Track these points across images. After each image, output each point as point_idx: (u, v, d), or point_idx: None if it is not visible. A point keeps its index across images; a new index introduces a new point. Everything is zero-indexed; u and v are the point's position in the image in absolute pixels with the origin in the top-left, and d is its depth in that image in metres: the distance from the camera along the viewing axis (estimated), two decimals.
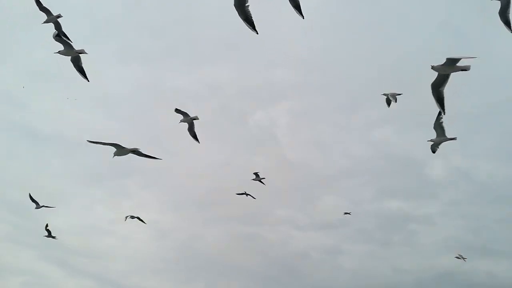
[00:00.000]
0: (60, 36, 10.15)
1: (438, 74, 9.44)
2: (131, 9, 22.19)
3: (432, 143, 11.30)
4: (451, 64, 9.17)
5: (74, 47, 10.33)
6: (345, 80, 23.55)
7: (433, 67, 9.13)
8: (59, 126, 23.37)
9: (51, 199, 22.90)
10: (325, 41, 23.21)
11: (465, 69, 9.29)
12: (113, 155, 9.93)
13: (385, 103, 11.28)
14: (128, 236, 23.33)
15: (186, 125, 11.76)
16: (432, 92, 9.65)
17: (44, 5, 10.20)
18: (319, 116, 24.03)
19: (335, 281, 21.80)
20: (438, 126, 10.91)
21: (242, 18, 8.83)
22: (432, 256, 21.06)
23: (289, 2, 8.92)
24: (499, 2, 9.27)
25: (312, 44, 23.18)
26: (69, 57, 10.72)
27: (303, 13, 8.98)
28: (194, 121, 12.07)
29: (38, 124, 22.75)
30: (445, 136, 10.93)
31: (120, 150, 9.86)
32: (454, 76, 9.77)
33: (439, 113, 10.69)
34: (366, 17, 22.77)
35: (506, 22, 9.49)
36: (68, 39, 10.59)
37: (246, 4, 8.80)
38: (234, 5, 8.70)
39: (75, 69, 10.66)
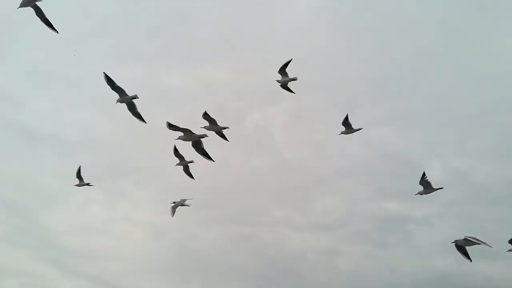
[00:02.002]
0: None
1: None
2: (128, 8, 22.11)
3: (420, 195, 12.12)
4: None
5: None
6: (343, 80, 23.47)
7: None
8: (55, 126, 23.31)
9: (47, 198, 22.94)
10: (322, 41, 23.16)
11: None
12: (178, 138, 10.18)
13: None
14: (124, 237, 23.28)
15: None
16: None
17: None
18: (316, 116, 23.89)
19: (331, 282, 21.73)
20: (424, 182, 12.04)
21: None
22: (430, 257, 21.00)
23: None
24: None
25: (309, 44, 23.12)
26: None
27: None
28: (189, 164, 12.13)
29: (35, 124, 22.69)
30: (432, 188, 11.98)
31: (189, 135, 10.35)
32: (452, 78, 9.73)
33: (424, 174, 11.84)
34: (364, 17, 22.76)
35: None
36: (53, 27, 10.25)
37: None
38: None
39: (42, 22, 10.14)
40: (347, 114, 12.44)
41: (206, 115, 10.90)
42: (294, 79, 12.61)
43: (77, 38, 20.45)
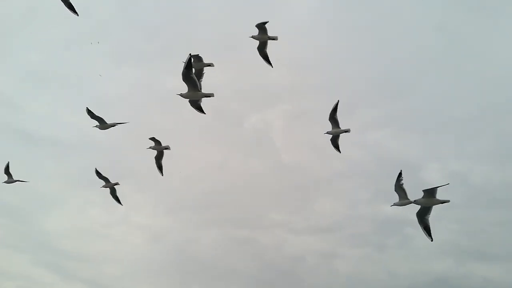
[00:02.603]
0: None
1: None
2: (126, 9, 22.05)
3: (396, 206, 11.33)
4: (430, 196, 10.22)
5: None
6: (341, 82, 23.45)
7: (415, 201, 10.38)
8: (53, 128, 23.22)
9: (45, 202, 22.84)
10: (321, 43, 23.15)
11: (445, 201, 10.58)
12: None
13: None
14: (122, 240, 23.19)
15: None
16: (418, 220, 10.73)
17: None
18: (315, 118, 23.87)
19: (330, 285, 21.68)
20: (399, 188, 11.33)
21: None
22: (428, 260, 20.97)
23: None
24: None
25: (308, 45, 23.10)
26: None
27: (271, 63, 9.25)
28: (165, 150, 11.78)
29: (32, 126, 22.60)
30: (408, 199, 11.17)
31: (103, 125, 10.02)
32: (451, 80, 9.76)
33: (399, 175, 11.23)
34: (363, 18, 22.74)
35: None
36: (75, 11, 10.14)
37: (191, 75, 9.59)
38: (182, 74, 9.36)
39: (64, 5, 10.37)
40: (338, 102, 11.71)
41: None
42: (274, 38, 11.46)
43: (76, 39, 20.44)
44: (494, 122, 20.93)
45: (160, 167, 11.71)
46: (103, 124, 10.40)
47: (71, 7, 10.35)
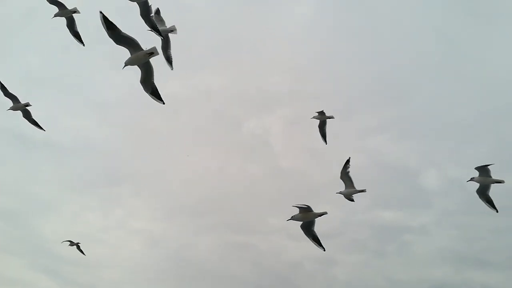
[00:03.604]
0: None
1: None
2: (125, 14, 22.02)
3: (342, 195, 10.85)
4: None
5: (66, 6, 9.85)
6: (340, 88, 23.45)
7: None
8: (50, 132, 23.10)
9: (42, 206, 22.72)
10: (320, 49, 23.19)
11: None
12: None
13: None
14: (119, 245, 23.06)
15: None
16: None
17: None
18: (313, 123, 23.87)
19: None
20: (346, 176, 10.95)
21: (148, 26, 9.18)
22: (427, 267, 20.88)
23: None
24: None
25: (307, 52, 23.14)
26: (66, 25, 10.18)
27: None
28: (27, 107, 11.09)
29: (30, 130, 22.45)
30: (354, 188, 10.91)
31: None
32: (449, 86, 9.75)
33: (347, 161, 10.92)
34: (361, 24, 22.79)
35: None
36: (81, 41, 10.12)
37: (151, 15, 9.01)
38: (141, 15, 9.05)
39: (71, 34, 10.20)
40: (349, 159, 11.40)
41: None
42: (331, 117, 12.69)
43: (73, 44, 20.38)
44: (493, 127, 20.89)
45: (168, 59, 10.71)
46: (63, 10, 9.72)
47: (77, 36, 10.22)
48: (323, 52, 22.95)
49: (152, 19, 9.14)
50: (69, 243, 14.53)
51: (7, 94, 10.00)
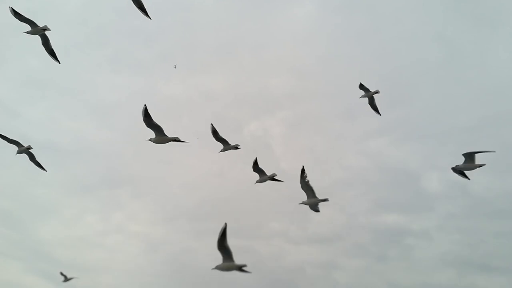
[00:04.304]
0: (19, 13, 9.63)
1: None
2: (124, 16, 22.01)
3: (304, 205, 10.47)
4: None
5: (37, 24, 9.95)
6: (341, 90, 23.38)
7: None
8: (50, 135, 23.07)
9: (41, 209, 22.59)
10: (321, 51, 23.14)
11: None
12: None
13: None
14: (118, 249, 22.89)
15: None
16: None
17: (24, 17, 9.77)
18: (314, 126, 23.78)
19: None
20: (306, 185, 10.49)
21: (136, 6, 9.80)
22: (429, 271, 20.72)
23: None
24: None
25: (308, 54, 23.09)
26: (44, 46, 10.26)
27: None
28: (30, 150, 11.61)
29: (29, 133, 22.41)
30: (316, 198, 10.39)
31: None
32: (451, 90, 9.68)
33: (302, 170, 10.25)
34: (363, 27, 22.76)
35: None
36: (57, 59, 10.33)
37: None
38: None
39: (46, 52, 10.29)
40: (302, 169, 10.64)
41: None
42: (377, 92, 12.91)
43: (75, 46, 20.36)
44: (494, 131, 20.81)
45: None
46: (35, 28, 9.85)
47: (52, 54, 10.44)
48: (324, 54, 22.92)
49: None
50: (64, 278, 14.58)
51: (10, 141, 10.36)
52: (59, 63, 10.53)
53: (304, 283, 21.46)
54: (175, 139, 10.28)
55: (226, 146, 11.24)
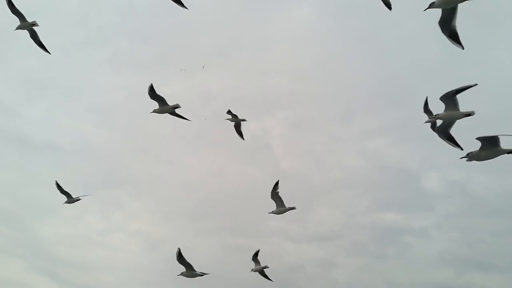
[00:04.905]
0: (12, 4, 9.90)
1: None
2: (125, 16, 22.06)
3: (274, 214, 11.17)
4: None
5: (26, 19, 10.27)
6: (340, 90, 23.46)
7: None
8: (50, 134, 23.13)
9: (41, 208, 22.66)
10: (320, 52, 23.18)
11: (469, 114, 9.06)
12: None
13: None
14: (119, 247, 22.98)
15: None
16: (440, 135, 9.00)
17: (17, 8, 10.05)
18: (314, 126, 23.83)
19: None
20: (276, 196, 11.03)
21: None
22: (428, 270, 20.79)
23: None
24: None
25: (307, 54, 23.13)
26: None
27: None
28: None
29: (30, 132, 22.51)
30: (285, 206, 11.07)
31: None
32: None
33: (276, 183, 11.03)
34: (361, 28, 22.77)
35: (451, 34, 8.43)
36: (46, 49, 10.61)
37: None
38: None
39: (36, 44, 10.59)
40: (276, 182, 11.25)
41: None
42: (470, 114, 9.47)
43: (75, 45, 20.41)
44: (494, 131, 20.82)
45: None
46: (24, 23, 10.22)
47: (41, 46, 10.69)
48: (324, 55, 22.96)
49: None
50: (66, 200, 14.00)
51: (15, 11, 10.38)
52: (49, 53, 10.72)
53: (303, 282, 21.55)
54: (176, 107, 10.81)
55: (163, 106, 10.77)
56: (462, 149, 9.19)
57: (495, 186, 20.83)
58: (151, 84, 10.41)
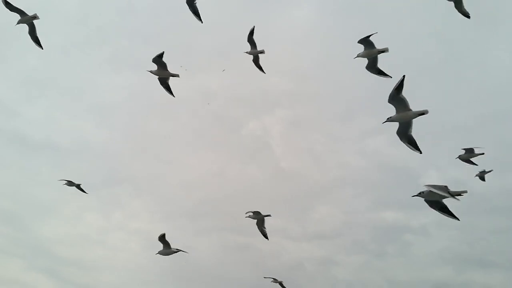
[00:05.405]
0: (9, 3, 10.01)
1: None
2: (125, 16, 22.06)
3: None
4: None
5: (27, 13, 10.33)
6: (340, 89, 23.48)
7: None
8: (50, 134, 23.13)
9: (41, 207, 22.68)
10: (320, 51, 23.19)
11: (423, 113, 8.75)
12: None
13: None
14: (119, 247, 23.00)
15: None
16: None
17: (14, 6, 10.10)
18: (313, 125, 23.87)
19: None
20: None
21: (191, 11, 10.19)
22: (427, 268, 20.86)
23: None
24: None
25: (307, 54, 23.14)
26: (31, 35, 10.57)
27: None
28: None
29: (29, 132, 22.51)
30: (261, 214, 12.21)
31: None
32: (450, 88, 9.61)
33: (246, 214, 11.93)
34: (361, 27, 22.75)
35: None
36: (40, 45, 10.64)
37: (195, 1, 10.27)
38: (186, 3, 10.03)
39: (31, 40, 10.65)
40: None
41: None
42: (384, 50, 10.39)
43: (74, 45, 20.41)
44: (493, 129, 20.90)
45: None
46: (24, 17, 10.32)
47: (37, 42, 10.71)
48: (324, 54, 22.96)
49: (195, 5, 10.44)
50: (66, 182, 13.78)
51: (13, 9, 10.45)
52: (42, 48, 10.75)
53: (303, 280, 21.62)
54: (176, 75, 10.59)
55: (163, 70, 10.70)
56: (421, 153, 9.07)
57: (494, 185, 20.85)
58: (163, 52, 10.20)
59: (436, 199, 8.57)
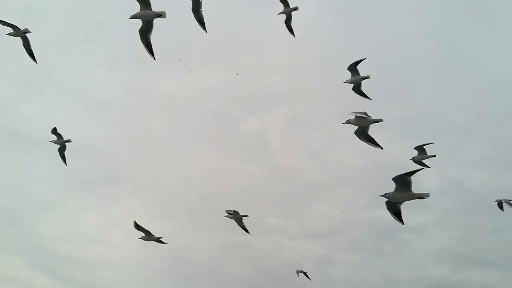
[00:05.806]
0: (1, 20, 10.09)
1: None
2: (123, 13, 21.96)
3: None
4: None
5: (19, 27, 10.41)
6: (339, 88, 23.41)
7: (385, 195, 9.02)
8: (48, 131, 23.04)
9: (40, 205, 22.68)
10: (319, 49, 23.18)
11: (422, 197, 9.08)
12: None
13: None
14: (117, 244, 23.04)
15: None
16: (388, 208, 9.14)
17: (6, 21, 10.15)
18: (313, 124, 23.89)
19: None
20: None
21: (196, 19, 10.16)
22: (425, 267, 20.95)
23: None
24: None
25: (306, 52, 23.12)
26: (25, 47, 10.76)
27: None
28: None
29: (27, 129, 22.48)
30: (238, 214, 12.89)
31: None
32: (448, 87, 9.70)
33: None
34: (361, 25, 22.80)
35: None
36: (34, 59, 10.61)
37: (200, 9, 10.12)
38: (192, 10, 10.10)
39: (26, 53, 10.81)
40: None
41: None
42: (366, 77, 11.61)
43: (72, 42, 20.35)
44: (491, 128, 20.96)
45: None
46: (16, 31, 10.31)
47: (31, 55, 10.92)
48: (323, 52, 22.98)
49: (201, 13, 10.27)
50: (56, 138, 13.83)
51: (5, 24, 10.48)
52: (36, 62, 10.90)
53: (301, 278, 21.67)
54: (160, 14, 9.89)
55: (146, 11, 10.05)
56: (382, 148, 10.17)
57: (492, 183, 20.95)
58: None
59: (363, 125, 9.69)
